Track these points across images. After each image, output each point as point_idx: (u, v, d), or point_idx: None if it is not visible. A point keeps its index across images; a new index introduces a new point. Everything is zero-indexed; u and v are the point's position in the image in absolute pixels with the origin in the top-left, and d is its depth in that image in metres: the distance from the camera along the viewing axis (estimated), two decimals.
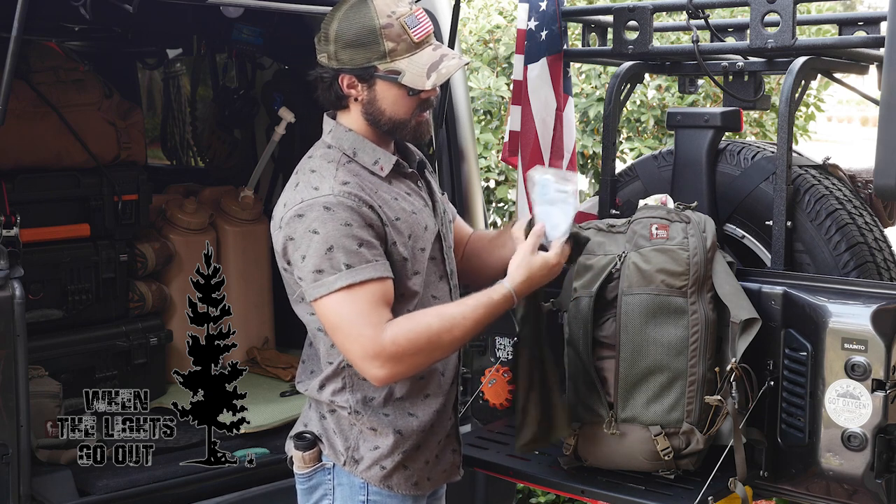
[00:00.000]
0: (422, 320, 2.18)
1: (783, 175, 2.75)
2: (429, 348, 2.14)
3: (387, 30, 2.19)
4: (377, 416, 2.28)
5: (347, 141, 2.28)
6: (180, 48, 5.13)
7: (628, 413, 2.57)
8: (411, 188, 2.33)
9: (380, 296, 2.15)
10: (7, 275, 2.62)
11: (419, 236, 2.28)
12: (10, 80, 2.51)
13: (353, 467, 2.29)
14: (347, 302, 2.13)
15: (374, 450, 2.28)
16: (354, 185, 2.20)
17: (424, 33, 2.24)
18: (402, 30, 2.20)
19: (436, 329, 2.15)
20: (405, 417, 2.30)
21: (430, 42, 2.25)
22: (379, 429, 2.28)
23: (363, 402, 2.28)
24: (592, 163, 6.18)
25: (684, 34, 5.65)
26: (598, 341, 2.63)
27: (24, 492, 2.64)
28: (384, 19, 2.19)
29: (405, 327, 2.14)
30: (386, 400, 2.29)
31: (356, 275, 2.13)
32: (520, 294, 2.24)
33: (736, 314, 2.51)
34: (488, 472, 2.96)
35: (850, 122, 21.94)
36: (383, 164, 2.28)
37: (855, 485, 2.42)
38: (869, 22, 3.12)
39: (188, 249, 4.10)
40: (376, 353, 2.11)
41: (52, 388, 3.33)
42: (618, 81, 3.15)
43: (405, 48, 2.20)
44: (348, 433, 2.30)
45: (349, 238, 2.14)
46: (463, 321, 2.17)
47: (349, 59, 2.21)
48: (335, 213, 2.15)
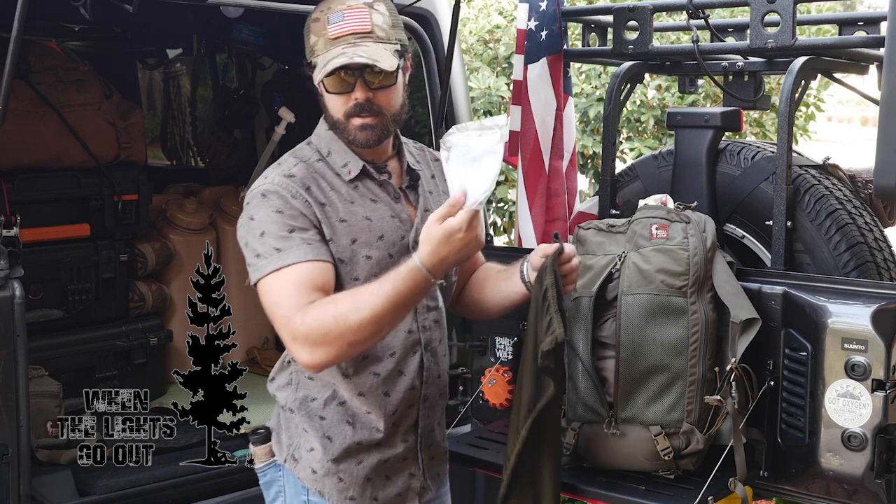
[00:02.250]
0: (331, 300, 2.09)
1: (783, 175, 2.75)
2: (337, 329, 2.04)
3: (314, 24, 2.21)
4: (311, 418, 2.26)
5: (325, 141, 2.29)
6: (180, 48, 5.13)
7: (628, 413, 2.57)
8: (379, 196, 2.28)
9: (308, 278, 2.11)
10: (7, 275, 2.62)
11: (366, 243, 2.22)
12: (10, 80, 2.51)
13: (293, 465, 2.29)
14: (277, 285, 2.11)
15: (309, 451, 2.27)
16: (298, 181, 2.19)
17: (342, 32, 2.17)
18: (323, 26, 2.19)
19: (342, 308, 2.05)
20: (341, 425, 2.25)
21: (349, 41, 2.17)
22: (310, 431, 2.26)
23: (303, 401, 2.27)
24: (592, 163, 6.19)
25: (684, 34, 5.66)
26: (598, 341, 2.63)
27: (24, 492, 2.64)
28: (316, 13, 2.21)
29: (316, 307, 2.07)
30: (326, 402, 2.25)
31: (285, 258, 2.11)
32: (430, 266, 2.04)
33: (736, 314, 2.51)
34: (488, 472, 2.96)
35: (850, 122, 21.95)
36: (351, 167, 2.25)
37: (855, 485, 2.42)
38: (869, 22, 3.13)
39: (188, 249, 4.10)
40: (294, 336, 2.08)
41: (52, 388, 3.33)
42: (618, 81, 3.15)
43: (323, 44, 2.19)
44: (293, 431, 2.29)
45: (280, 224, 2.13)
46: (371, 298, 2.04)
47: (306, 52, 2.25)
48: (269, 200, 2.16)
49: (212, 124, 5.09)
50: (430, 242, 2.04)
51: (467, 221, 2.02)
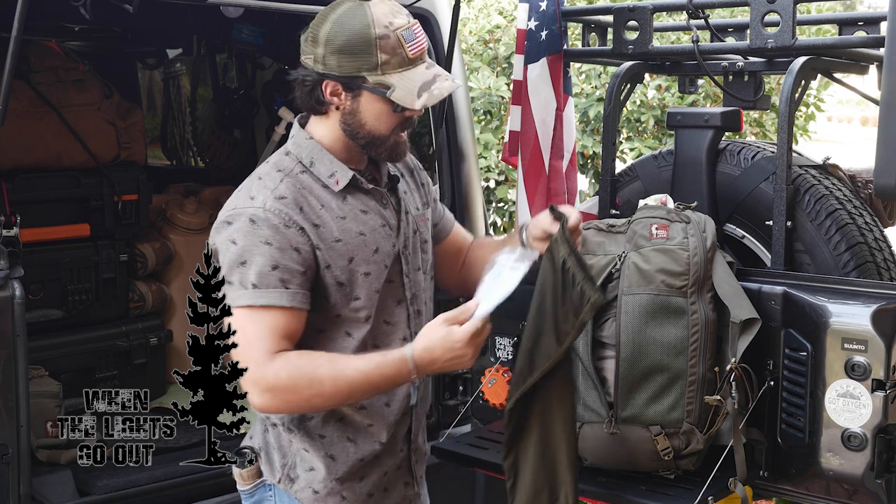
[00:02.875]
0: (312, 362, 2.07)
1: (783, 175, 2.75)
2: (308, 392, 2.04)
3: (382, 41, 2.07)
4: (311, 437, 2.21)
5: (306, 150, 2.18)
6: (180, 48, 5.13)
7: (628, 413, 2.57)
8: (369, 205, 2.22)
9: (280, 325, 2.07)
10: (7, 275, 2.62)
11: (364, 259, 2.17)
12: (10, 80, 2.51)
13: (288, 486, 2.23)
14: (246, 321, 2.07)
15: (309, 471, 2.22)
16: (291, 202, 2.10)
17: (419, 49, 2.12)
18: (399, 43, 2.08)
19: (321, 374, 2.04)
20: (342, 442, 2.22)
21: (423, 59, 2.14)
22: (311, 451, 2.21)
23: (300, 419, 2.21)
24: (592, 163, 6.19)
25: (684, 34, 5.66)
26: (598, 341, 2.62)
27: (24, 492, 2.64)
28: (381, 29, 2.07)
29: (294, 363, 2.06)
30: (325, 421, 2.21)
31: (259, 297, 2.06)
32: (419, 364, 2.06)
33: (736, 314, 2.50)
34: (488, 472, 2.96)
35: (850, 122, 21.95)
36: (339, 177, 2.17)
37: (855, 485, 2.42)
38: (869, 22, 3.12)
39: (188, 249, 4.10)
40: (255, 381, 2.06)
41: (52, 388, 3.33)
42: (618, 81, 3.15)
43: (398, 63, 2.09)
44: (287, 450, 2.24)
45: (265, 258, 2.06)
46: (352, 373, 2.05)
47: (337, 65, 2.09)
48: (258, 229, 2.07)
49: (212, 124, 5.09)
50: (428, 340, 2.06)
51: (471, 335, 2.05)
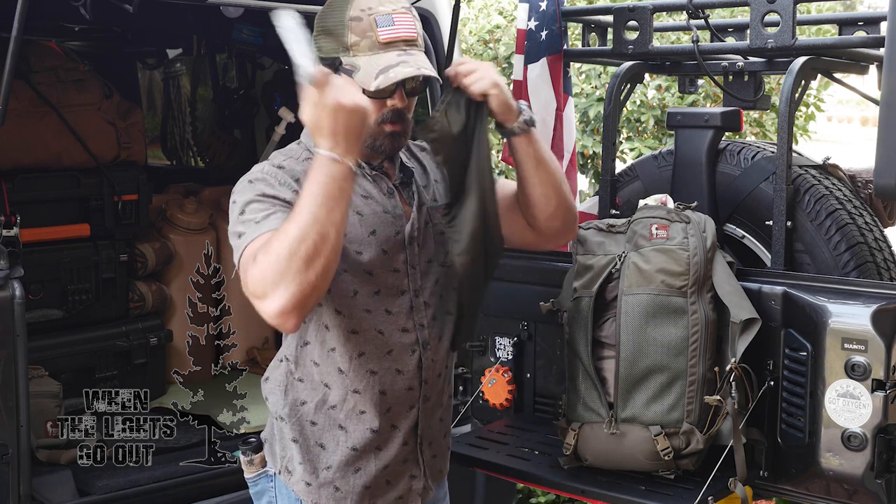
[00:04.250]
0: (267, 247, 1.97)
1: (783, 175, 2.75)
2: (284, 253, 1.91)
3: (354, 22, 2.11)
4: (302, 424, 2.20)
5: None
6: (180, 48, 5.13)
7: (628, 413, 2.57)
8: (370, 192, 2.22)
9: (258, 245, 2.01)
10: (7, 275, 2.62)
11: (359, 240, 2.17)
12: (10, 80, 2.51)
13: (287, 478, 2.23)
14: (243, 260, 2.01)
15: (301, 462, 2.21)
16: (287, 171, 2.15)
17: (395, 37, 2.12)
18: (370, 26, 2.10)
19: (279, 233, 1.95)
20: (333, 430, 2.20)
21: (399, 47, 2.13)
22: (301, 440, 2.20)
23: (292, 406, 2.21)
24: (592, 163, 6.19)
25: (684, 34, 5.65)
26: (598, 341, 2.63)
27: (24, 492, 2.63)
28: (356, 11, 2.12)
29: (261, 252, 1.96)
30: (318, 407, 2.20)
31: (263, 226, 2.02)
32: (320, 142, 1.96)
33: (736, 314, 2.51)
34: (488, 472, 2.97)
35: (850, 122, 21.94)
36: None
37: (855, 485, 2.42)
38: (869, 22, 3.13)
39: (188, 249, 4.10)
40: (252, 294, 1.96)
41: (52, 388, 3.33)
42: (618, 81, 3.15)
43: (367, 46, 2.11)
44: (285, 442, 2.24)
45: (262, 204, 2.07)
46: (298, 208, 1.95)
47: (321, 46, 2.16)
48: (254, 186, 2.12)
49: (212, 124, 5.09)
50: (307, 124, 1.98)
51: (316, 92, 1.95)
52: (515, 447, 2.85)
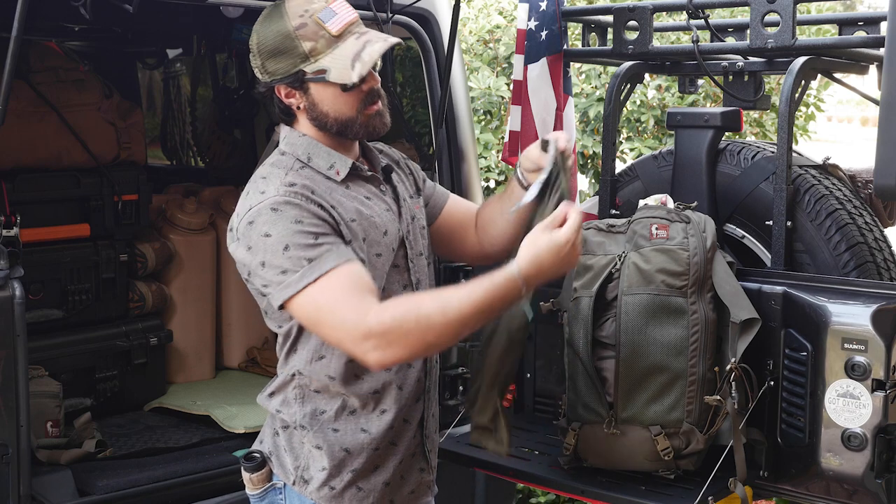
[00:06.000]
0: (412, 300, 2.08)
1: (783, 175, 2.75)
2: (418, 329, 1.98)
3: (301, 30, 2.11)
4: (324, 432, 2.18)
5: (301, 146, 2.21)
6: (180, 48, 5.13)
7: (628, 413, 2.57)
8: (371, 192, 2.23)
9: (354, 280, 2.04)
10: (7, 275, 2.61)
11: (376, 241, 2.18)
12: (10, 80, 2.51)
13: (302, 487, 2.20)
14: (322, 294, 2.03)
15: (321, 470, 2.19)
16: (301, 187, 2.11)
17: (343, 24, 2.14)
18: (318, 26, 2.11)
19: (426, 310, 2.00)
20: (356, 433, 2.20)
21: (352, 32, 2.15)
22: (325, 447, 2.18)
23: (312, 415, 2.19)
24: (592, 163, 6.18)
25: (684, 34, 5.65)
26: (598, 341, 2.63)
27: (24, 492, 2.63)
28: (296, 20, 2.11)
29: (392, 306, 2.02)
30: (338, 414, 2.19)
31: (320, 266, 2.03)
32: (528, 277, 2.01)
33: (736, 314, 2.51)
34: (488, 472, 2.97)
35: (850, 122, 21.95)
36: (339, 167, 2.19)
37: (855, 485, 2.42)
38: (869, 22, 3.12)
39: (188, 249, 4.10)
40: (366, 335, 1.98)
41: (52, 388, 3.33)
42: (618, 81, 3.15)
43: (325, 44, 2.12)
44: (299, 451, 2.21)
45: (303, 234, 2.05)
46: (459, 303, 1.99)
47: (275, 69, 2.14)
48: (283, 213, 2.06)
49: (212, 124, 5.09)
50: (533, 249, 2.02)
51: (575, 230, 2.02)
52: (515, 447, 2.85)
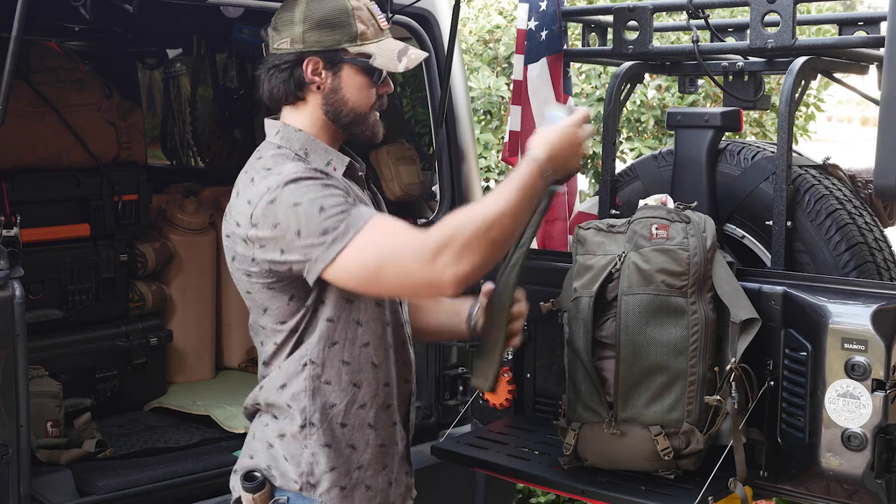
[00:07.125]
0: (457, 212, 2.02)
1: (783, 175, 2.75)
2: (482, 227, 1.95)
3: (358, 11, 2.16)
4: (332, 428, 2.16)
5: (298, 142, 2.17)
6: (180, 48, 5.13)
7: (628, 413, 2.57)
8: (361, 195, 2.24)
9: (393, 220, 2.05)
10: (7, 275, 2.61)
11: None
12: (10, 80, 2.51)
13: (310, 492, 2.16)
14: (370, 239, 1.98)
15: (331, 470, 2.16)
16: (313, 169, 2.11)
17: (387, 24, 2.24)
18: (371, 15, 2.18)
19: (478, 210, 1.98)
20: (363, 430, 2.19)
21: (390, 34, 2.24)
22: (333, 444, 2.16)
23: (322, 410, 2.15)
24: (592, 163, 6.18)
25: (684, 34, 5.65)
26: (598, 341, 2.63)
27: (24, 492, 2.63)
28: (354, 2, 2.17)
29: (444, 221, 1.99)
30: (348, 408, 2.17)
31: (361, 217, 2.01)
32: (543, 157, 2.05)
33: (736, 314, 2.51)
34: (488, 472, 2.97)
35: (850, 122, 21.95)
36: (336, 164, 2.18)
37: (855, 485, 2.42)
38: (869, 22, 3.12)
39: (188, 249, 4.10)
40: (434, 253, 1.94)
41: (52, 388, 3.33)
42: (618, 81, 3.15)
43: (373, 33, 2.17)
44: (300, 458, 2.16)
45: (333, 197, 2.03)
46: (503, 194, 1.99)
47: (317, 40, 2.14)
48: (307, 183, 2.04)
49: (212, 124, 5.09)
50: (542, 136, 2.09)
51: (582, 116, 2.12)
52: (515, 447, 2.85)
